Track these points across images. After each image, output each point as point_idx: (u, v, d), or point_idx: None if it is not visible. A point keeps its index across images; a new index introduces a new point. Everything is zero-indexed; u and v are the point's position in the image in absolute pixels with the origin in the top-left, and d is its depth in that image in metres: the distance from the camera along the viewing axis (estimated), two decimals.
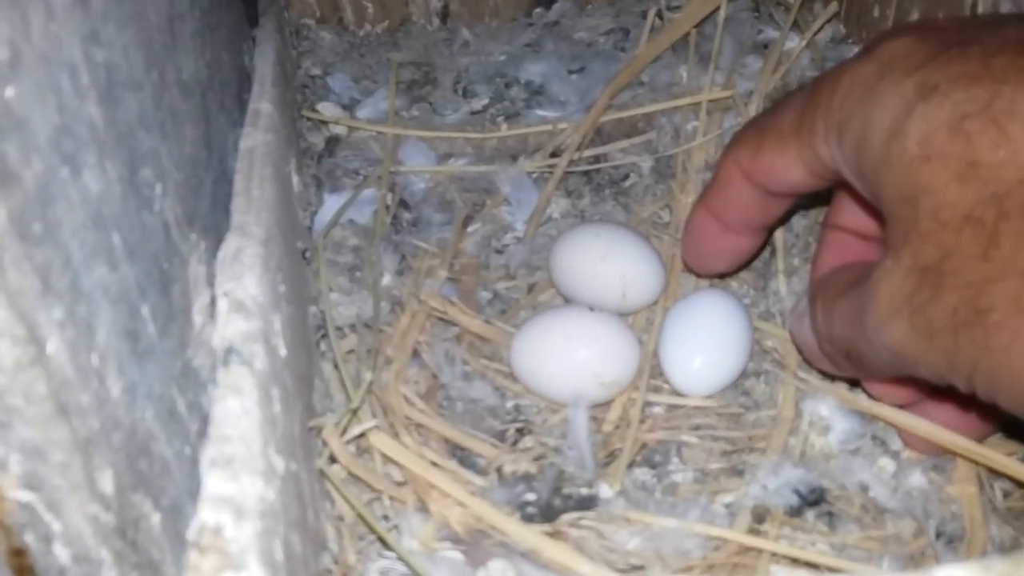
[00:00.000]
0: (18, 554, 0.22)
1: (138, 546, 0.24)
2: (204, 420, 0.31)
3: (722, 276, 0.49)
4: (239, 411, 0.25)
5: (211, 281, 0.33)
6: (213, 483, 0.22)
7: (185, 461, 0.29)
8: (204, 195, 0.35)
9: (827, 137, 0.34)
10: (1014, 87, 0.27)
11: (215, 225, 0.36)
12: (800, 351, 0.42)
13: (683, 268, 0.49)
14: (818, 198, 0.48)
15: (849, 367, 0.37)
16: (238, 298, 0.28)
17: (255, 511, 0.22)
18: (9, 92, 0.20)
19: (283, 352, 0.31)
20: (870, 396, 0.40)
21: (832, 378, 0.42)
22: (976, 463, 0.38)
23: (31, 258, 0.20)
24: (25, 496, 0.21)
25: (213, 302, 0.32)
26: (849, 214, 0.41)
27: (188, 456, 0.29)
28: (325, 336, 0.46)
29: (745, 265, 0.48)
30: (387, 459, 0.38)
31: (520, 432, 0.43)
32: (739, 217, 0.42)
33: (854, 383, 0.42)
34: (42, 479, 0.21)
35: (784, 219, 0.48)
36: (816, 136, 0.34)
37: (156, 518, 0.26)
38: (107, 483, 0.23)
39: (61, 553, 0.22)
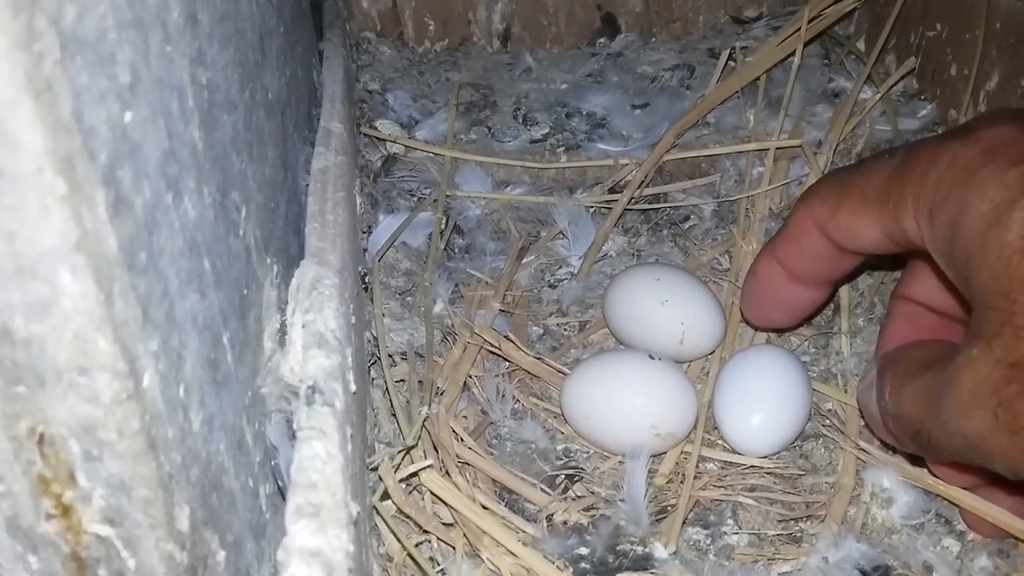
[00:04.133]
0: None
1: None
2: (266, 451, 0.30)
3: (780, 331, 0.48)
4: (324, 456, 0.24)
5: (281, 307, 0.32)
6: (302, 535, 0.22)
7: (248, 494, 0.28)
8: (279, 217, 0.34)
9: (917, 213, 0.33)
10: None
11: (286, 247, 0.35)
12: (865, 420, 0.41)
13: (741, 319, 0.48)
14: (888, 259, 0.47)
15: (915, 448, 0.36)
16: (318, 331, 0.28)
17: (343, 567, 0.22)
18: (128, 117, 0.19)
19: (353, 388, 0.30)
20: (932, 475, 0.39)
21: (893, 450, 0.41)
22: None
23: (136, 288, 0.19)
24: (104, 531, 0.20)
25: (283, 328, 0.31)
26: (922, 287, 0.40)
27: (251, 489, 0.28)
28: (375, 363, 0.45)
29: (806, 321, 0.47)
30: (436, 500, 0.37)
31: (570, 479, 0.41)
32: (808, 268, 0.41)
33: (916, 458, 0.40)
34: (124, 514, 0.20)
35: (852, 276, 0.47)
36: (904, 210, 0.34)
37: (221, 555, 0.25)
38: (184, 520, 0.22)
39: None
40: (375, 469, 0.35)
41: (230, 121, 0.27)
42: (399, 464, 0.36)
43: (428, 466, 0.36)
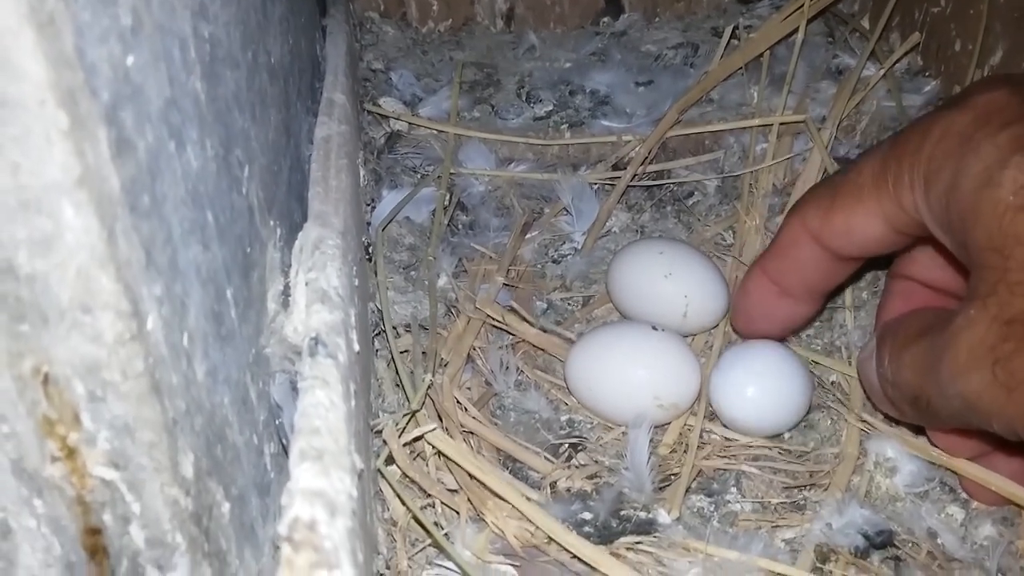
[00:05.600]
0: (94, 533, 0.21)
1: (210, 534, 0.23)
2: (271, 411, 0.30)
3: None
4: (327, 403, 0.24)
5: (285, 269, 0.32)
6: (305, 477, 0.22)
7: (253, 451, 0.28)
8: (282, 181, 0.34)
9: (913, 185, 0.33)
10: None
11: (288, 212, 0.35)
12: (865, 392, 0.41)
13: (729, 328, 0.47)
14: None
15: (914, 415, 0.36)
16: (321, 288, 0.28)
17: (346, 508, 0.22)
18: (130, 59, 0.19)
19: (356, 347, 0.30)
20: (934, 446, 0.39)
21: (895, 422, 0.41)
22: None
23: (139, 230, 0.19)
24: (109, 474, 0.20)
25: (286, 290, 0.31)
26: (919, 265, 0.40)
27: (255, 446, 0.28)
28: (379, 334, 0.45)
29: (795, 333, 0.46)
30: (440, 465, 0.37)
31: (574, 448, 0.42)
32: (800, 281, 0.40)
33: (918, 429, 0.40)
34: (128, 458, 0.20)
35: (841, 288, 0.46)
36: (901, 185, 0.34)
37: (226, 507, 0.25)
38: (188, 467, 0.22)
39: (137, 535, 0.21)
40: (379, 432, 0.35)
41: (232, 78, 0.27)
42: (403, 428, 0.36)
43: (433, 429, 0.36)
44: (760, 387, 0.41)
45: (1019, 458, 0.37)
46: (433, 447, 0.36)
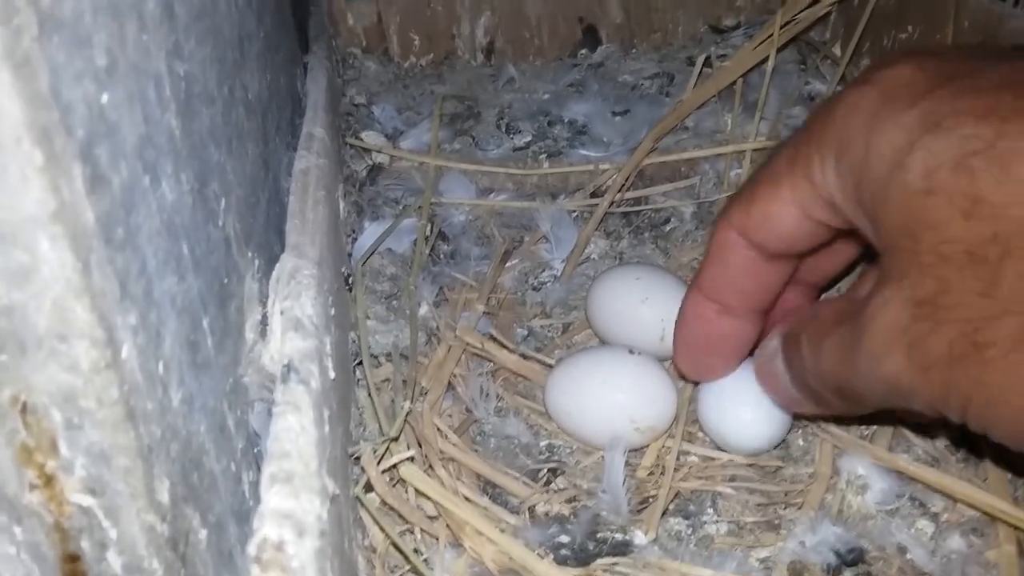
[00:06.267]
0: (72, 560, 0.22)
1: (187, 560, 0.24)
2: (249, 439, 0.31)
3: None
4: (297, 428, 0.25)
5: (263, 300, 0.33)
6: (275, 499, 0.22)
7: (230, 478, 0.28)
8: (260, 214, 0.35)
9: (824, 164, 0.33)
10: (1017, 126, 0.27)
11: (267, 244, 0.36)
12: (771, 394, 0.40)
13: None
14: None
15: (839, 403, 0.35)
16: (295, 316, 0.28)
17: (314, 529, 0.22)
18: (104, 98, 0.20)
19: (332, 375, 0.31)
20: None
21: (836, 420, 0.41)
22: (1016, 528, 0.38)
23: (113, 262, 0.20)
24: (86, 501, 0.21)
25: (264, 320, 0.32)
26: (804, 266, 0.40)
27: (233, 474, 0.29)
28: (360, 363, 0.46)
29: (742, 360, 0.43)
30: (420, 493, 0.38)
31: (553, 472, 0.42)
32: (736, 291, 0.39)
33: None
34: (105, 484, 0.21)
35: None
36: (812, 165, 0.33)
37: (203, 533, 0.25)
38: (164, 493, 0.22)
39: (114, 561, 0.22)
40: (358, 459, 0.36)
41: (208, 114, 0.28)
42: (382, 456, 0.37)
43: (409, 457, 0.36)
44: (754, 404, 0.41)
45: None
46: (405, 481, 0.37)
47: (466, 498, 0.38)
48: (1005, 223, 0.27)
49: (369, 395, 0.44)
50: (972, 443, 0.42)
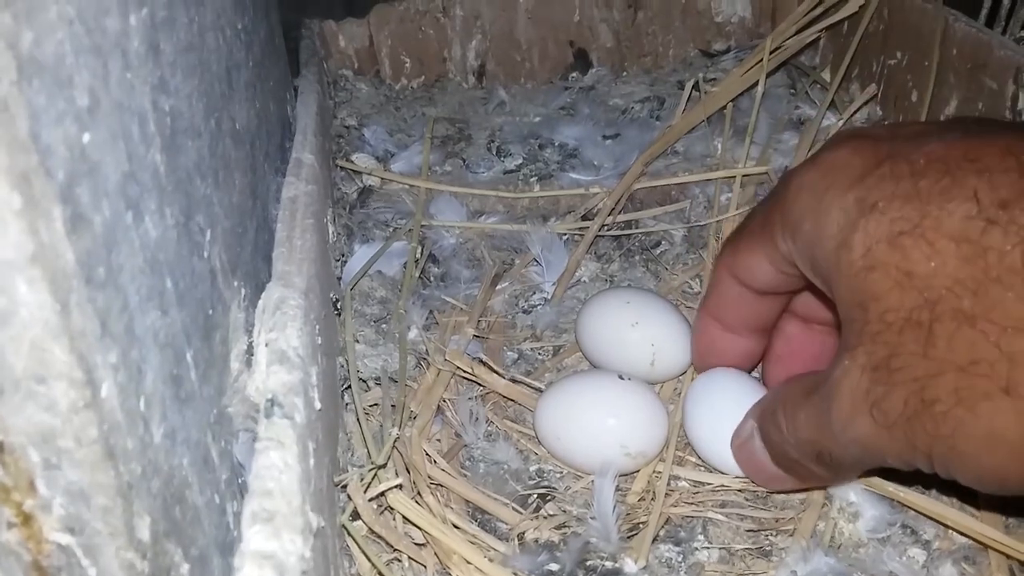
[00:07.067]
0: None
1: None
2: (233, 469, 0.30)
3: None
4: (281, 465, 0.24)
5: (249, 329, 0.33)
6: (256, 540, 0.22)
7: (214, 511, 0.28)
8: (247, 242, 0.35)
9: (783, 235, 0.36)
10: (938, 206, 0.30)
11: (255, 272, 0.36)
12: (750, 475, 0.41)
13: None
14: None
15: (821, 470, 0.37)
16: (280, 349, 0.28)
17: (296, 570, 0.22)
18: (86, 138, 0.20)
19: (318, 405, 0.31)
20: None
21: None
22: (1008, 556, 0.38)
23: (94, 301, 0.20)
24: (65, 539, 0.21)
25: (250, 350, 0.32)
26: (797, 301, 0.43)
27: (217, 506, 0.29)
28: (349, 388, 0.46)
29: (750, 369, 0.47)
30: (408, 520, 0.38)
31: (542, 498, 0.42)
32: (735, 316, 0.43)
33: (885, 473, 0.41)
34: (84, 523, 0.21)
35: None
36: (776, 234, 0.37)
37: (185, 568, 0.25)
38: (144, 530, 0.22)
39: None
40: (345, 488, 0.36)
41: (194, 147, 0.28)
42: (369, 484, 0.37)
43: (397, 485, 0.36)
44: (736, 409, 0.42)
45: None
46: (393, 509, 0.36)
47: (454, 525, 0.38)
48: (931, 292, 0.30)
49: (358, 420, 0.44)
50: None
